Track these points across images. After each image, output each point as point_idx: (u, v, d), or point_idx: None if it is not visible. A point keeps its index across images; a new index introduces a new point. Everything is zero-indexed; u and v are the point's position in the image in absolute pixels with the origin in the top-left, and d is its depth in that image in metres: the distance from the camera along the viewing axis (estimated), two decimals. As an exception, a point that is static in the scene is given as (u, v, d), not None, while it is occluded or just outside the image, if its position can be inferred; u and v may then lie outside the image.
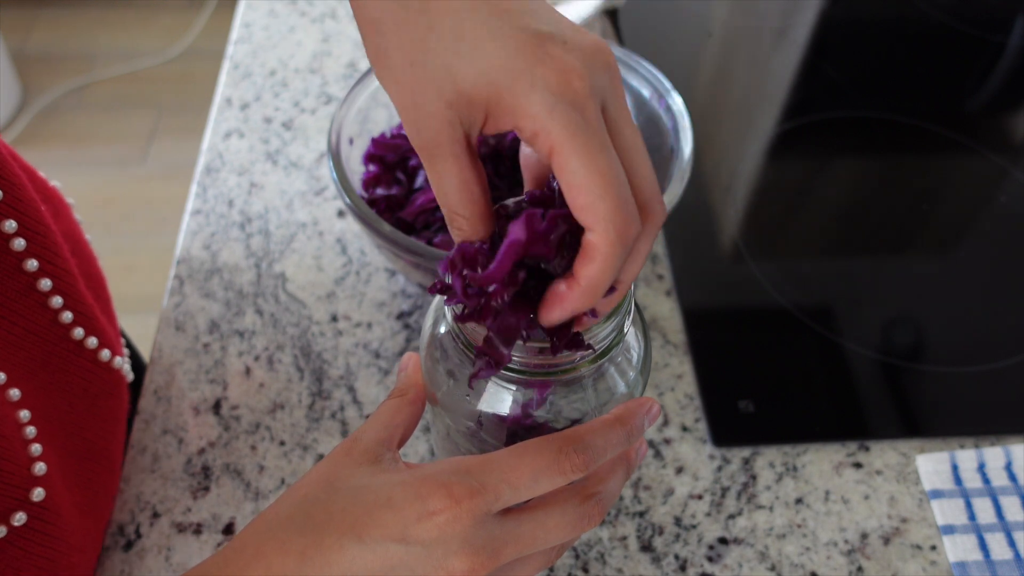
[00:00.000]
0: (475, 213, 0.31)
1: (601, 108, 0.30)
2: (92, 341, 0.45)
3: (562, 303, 0.30)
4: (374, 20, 0.31)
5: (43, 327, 0.42)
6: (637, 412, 0.34)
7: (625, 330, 0.34)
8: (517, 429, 0.36)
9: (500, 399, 0.35)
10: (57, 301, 0.42)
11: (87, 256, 0.51)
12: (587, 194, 0.28)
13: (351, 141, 0.56)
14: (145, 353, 0.64)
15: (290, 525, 0.31)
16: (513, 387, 0.35)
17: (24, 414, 0.39)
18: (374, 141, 0.58)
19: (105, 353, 0.46)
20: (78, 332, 0.44)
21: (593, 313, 0.31)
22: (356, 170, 0.57)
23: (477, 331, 0.32)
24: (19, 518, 0.38)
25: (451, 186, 0.30)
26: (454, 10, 0.29)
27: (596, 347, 0.33)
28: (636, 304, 0.36)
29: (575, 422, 0.36)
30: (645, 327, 0.38)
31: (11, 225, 0.39)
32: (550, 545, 0.33)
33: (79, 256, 0.48)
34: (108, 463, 0.48)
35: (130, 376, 0.50)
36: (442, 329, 0.37)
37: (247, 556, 0.31)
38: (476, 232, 0.31)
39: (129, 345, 0.61)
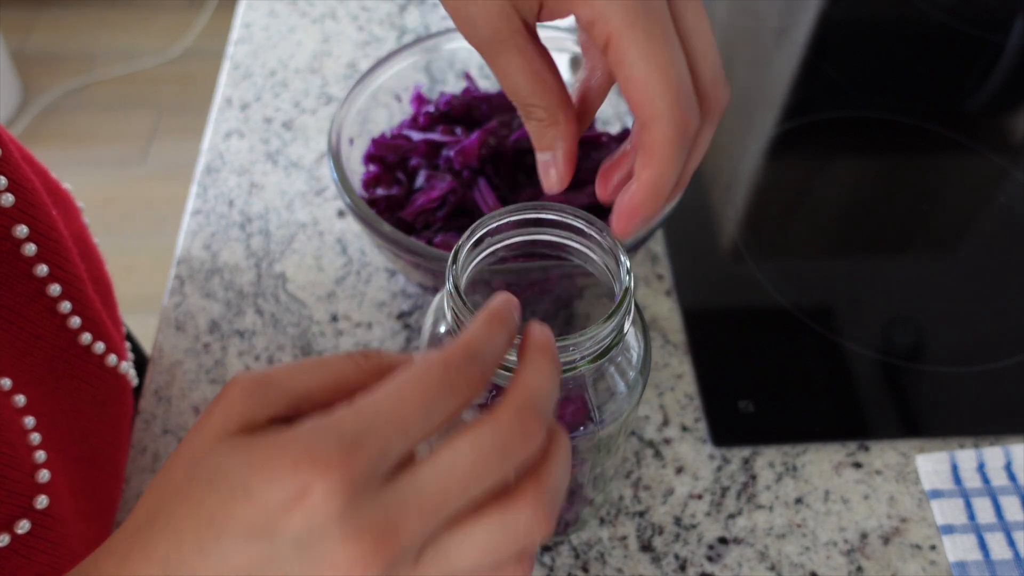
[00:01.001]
0: (552, 102, 0.29)
1: None
2: (99, 346, 0.44)
3: (632, 214, 0.27)
4: None
5: (50, 332, 0.41)
6: (504, 303, 0.28)
7: (625, 330, 0.34)
8: None
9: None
10: (66, 306, 0.41)
11: (95, 260, 0.51)
12: (645, 90, 0.26)
13: (351, 141, 0.56)
14: (145, 353, 0.64)
15: (153, 524, 0.25)
16: None
17: (29, 420, 0.39)
18: (374, 141, 0.58)
19: (112, 358, 0.46)
20: (85, 337, 0.43)
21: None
22: (356, 170, 0.57)
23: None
24: (23, 526, 0.37)
25: (521, 78, 0.29)
26: None
27: (596, 347, 0.33)
28: (636, 304, 0.36)
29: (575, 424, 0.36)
30: (645, 327, 0.38)
31: (22, 231, 0.38)
32: (469, 495, 0.24)
33: (87, 260, 0.48)
34: (113, 469, 0.48)
35: (134, 381, 0.50)
36: (442, 329, 0.37)
37: (114, 561, 0.26)
38: (556, 121, 0.29)
39: (136, 348, 0.61)
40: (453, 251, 0.34)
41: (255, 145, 0.68)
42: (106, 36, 2.12)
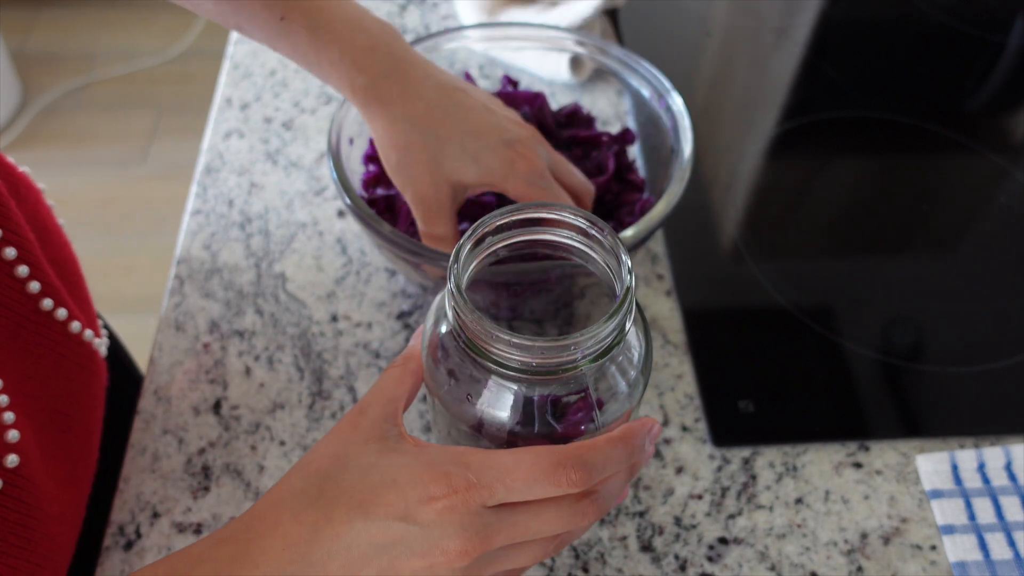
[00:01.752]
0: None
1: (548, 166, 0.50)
2: (61, 312, 0.46)
3: None
4: (402, 145, 0.47)
5: (11, 298, 0.43)
6: (639, 432, 0.36)
7: (626, 329, 0.34)
8: (516, 438, 0.36)
9: (501, 399, 0.35)
10: (23, 271, 0.43)
11: (59, 241, 0.51)
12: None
13: (351, 141, 0.56)
14: (145, 353, 0.64)
15: (304, 497, 0.33)
16: (514, 386, 0.35)
17: None
18: (374, 142, 0.58)
19: (75, 325, 0.47)
20: (47, 303, 0.45)
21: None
22: (356, 170, 0.57)
23: (479, 330, 0.32)
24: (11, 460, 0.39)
25: (446, 234, 0.49)
26: (456, 136, 0.48)
27: (597, 346, 0.33)
28: (637, 304, 0.36)
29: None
30: (646, 326, 0.38)
31: None
32: (543, 535, 0.34)
33: (47, 241, 0.49)
34: (86, 436, 0.49)
35: (103, 351, 0.51)
36: (443, 329, 0.37)
37: (266, 524, 0.33)
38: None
39: (112, 337, 0.61)
40: (455, 250, 0.34)
41: (255, 145, 0.68)
42: (106, 36, 2.12)
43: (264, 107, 0.71)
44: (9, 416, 0.40)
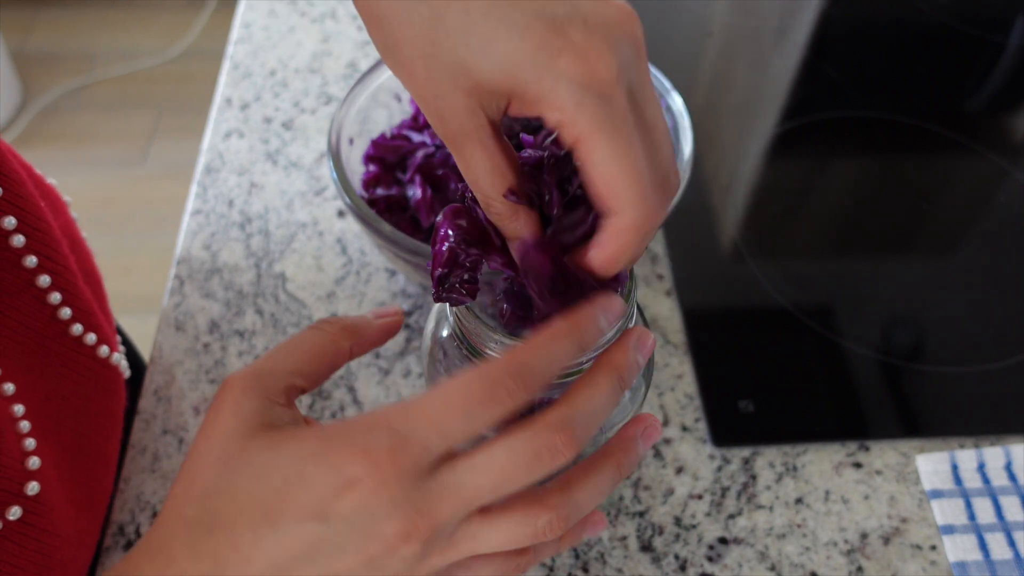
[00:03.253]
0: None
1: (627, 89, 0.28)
2: (91, 337, 0.45)
3: (587, 264, 0.30)
4: (379, 17, 0.30)
5: (41, 323, 0.42)
6: (591, 313, 0.29)
7: None
8: None
9: None
10: (56, 297, 0.42)
11: (84, 253, 0.51)
12: (612, 185, 0.28)
13: (351, 141, 0.56)
14: (145, 353, 0.64)
15: (197, 526, 0.28)
16: None
17: (18, 408, 0.39)
18: (374, 143, 0.58)
19: (104, 349, 0.46)
20: (76, 328, 0.44)
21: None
22: (356, 170, 0.57)
23: (480, 334, 0.32)
24: (14, 512, 0.38)
25: (482, 172, 0.30)
26: (460, 1, 0.28)
27: (598, 348, 0.33)
28: (638, 305, 0.36)
29: None
30: (647, 328, 0.38)
31: (11, 222, 0.38)
32: (499, 493, 0.27)
33: (77, 253, 0.48)
34: (104, 460, 0.48)
35: (127, 372, 0.50)
36: (444, 332, 0.37)
37: (157, 566, 0.28)
38: (516, 215, 0.30)
39: (127, 343, 0.61)
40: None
41: (255, 145, 0.68)
42: (106, 36, 2.12)
43: (264, 107, 0.71)
44: (30, 443, 0.39)
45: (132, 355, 0.62)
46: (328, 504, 0.26)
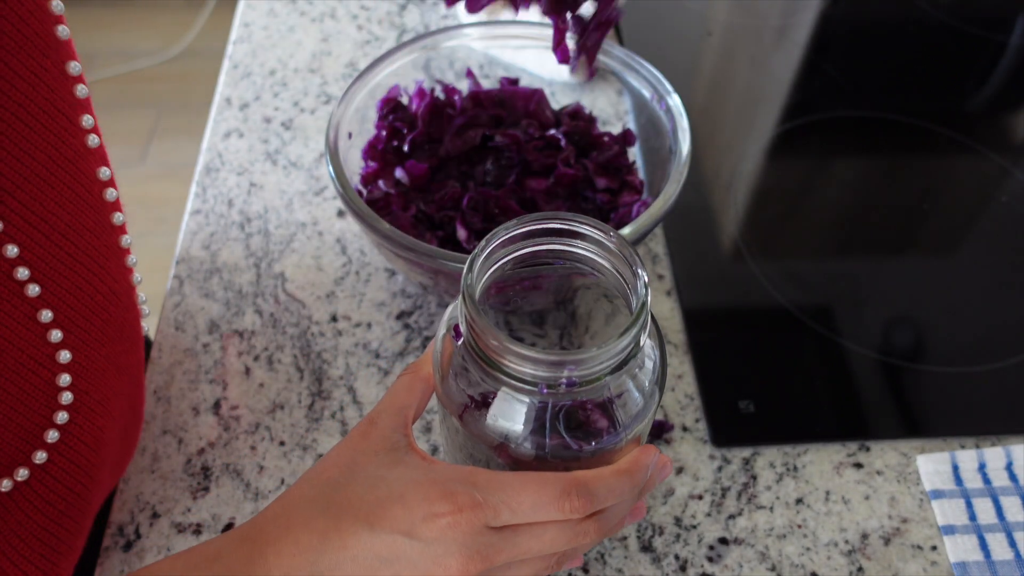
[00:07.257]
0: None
1: None
2: (118, 217, 0.48)
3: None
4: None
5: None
6: (644, 462, 0.36)
7: (641, 343, 0.34)
8: (526, 450, 0.36)
9: (512, 411, 0.35)
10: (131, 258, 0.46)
11: None
12: None
13: (349, 135, 0.56)
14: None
15: (314, 505, 0.35)
16: (526, 398, 0.34)
17: (46, 314, 0.38)
18: (369, 145, 0.58)
19: (132, 259, 0.48)
20: (117, 217, 0.48)
21: None
22: (356, 170, 0.57)
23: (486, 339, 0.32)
24: (61, 416, 0.40)
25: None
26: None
27: (612, 360, 0.33)
28: (652, 316, 0.36)
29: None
30: (661, 339, 0.38)
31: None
32: (542, 555, 0.35)
33: None
34: (132, 379, 0.48)
35: (146, 312, 0.50)
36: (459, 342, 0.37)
37: (280, 527, 0.34)
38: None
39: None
40: (468, 261, 0.34)
41: (254, 145, 0.68)
42: (105, 36, 2.12)
43: (264, 107, 0.71)
44: (65, 355, 0.39)
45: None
46: (416, 525, 0.33)
